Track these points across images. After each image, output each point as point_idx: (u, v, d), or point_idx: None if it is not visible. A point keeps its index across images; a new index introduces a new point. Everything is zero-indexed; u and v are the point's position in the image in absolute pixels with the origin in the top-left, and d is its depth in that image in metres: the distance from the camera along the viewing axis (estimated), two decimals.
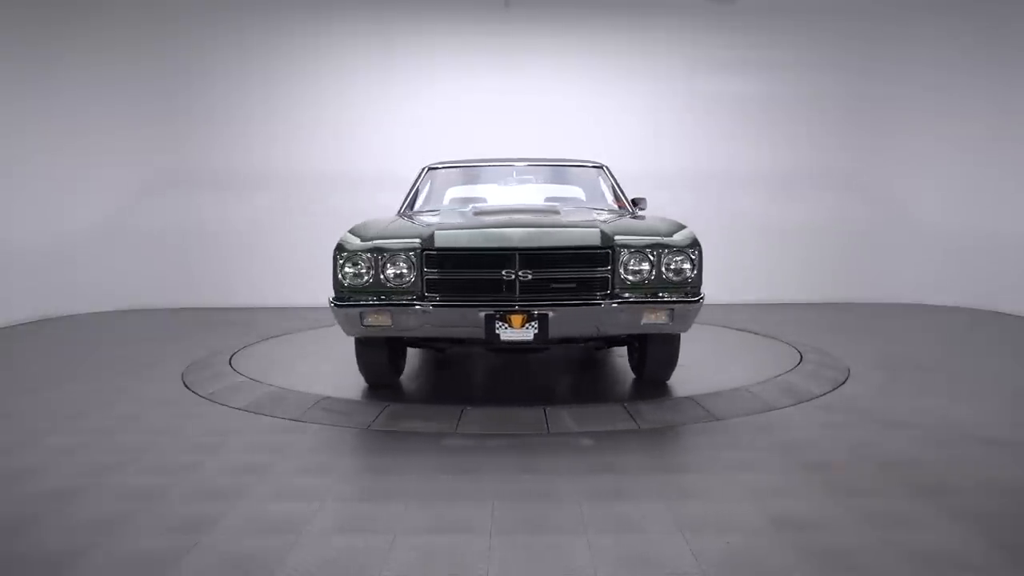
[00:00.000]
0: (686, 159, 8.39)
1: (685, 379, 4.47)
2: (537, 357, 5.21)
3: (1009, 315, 7.25)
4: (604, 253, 3.66)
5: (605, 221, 4.03)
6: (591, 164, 5.53)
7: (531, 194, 5.34)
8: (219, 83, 8.29)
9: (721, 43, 8.36)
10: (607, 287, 3.67)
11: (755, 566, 2.18)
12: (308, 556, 2.25)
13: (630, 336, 4.09)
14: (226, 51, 8.25)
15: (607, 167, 5.49)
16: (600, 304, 3.63)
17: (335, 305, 3.81)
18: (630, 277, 3.65)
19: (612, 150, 7.44)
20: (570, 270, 3.68)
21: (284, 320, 7.04)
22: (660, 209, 7.21)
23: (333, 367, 4.96)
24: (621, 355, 5.36)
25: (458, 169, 5.66)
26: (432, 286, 3.73)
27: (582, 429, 3.52)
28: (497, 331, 3.59)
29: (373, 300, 3.76)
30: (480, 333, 3.63)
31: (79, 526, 2.49)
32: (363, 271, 3.78)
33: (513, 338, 3.59)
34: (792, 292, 8.41)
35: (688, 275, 3.71)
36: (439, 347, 4.43)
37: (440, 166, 5.59)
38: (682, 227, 3.94)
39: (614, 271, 3.66)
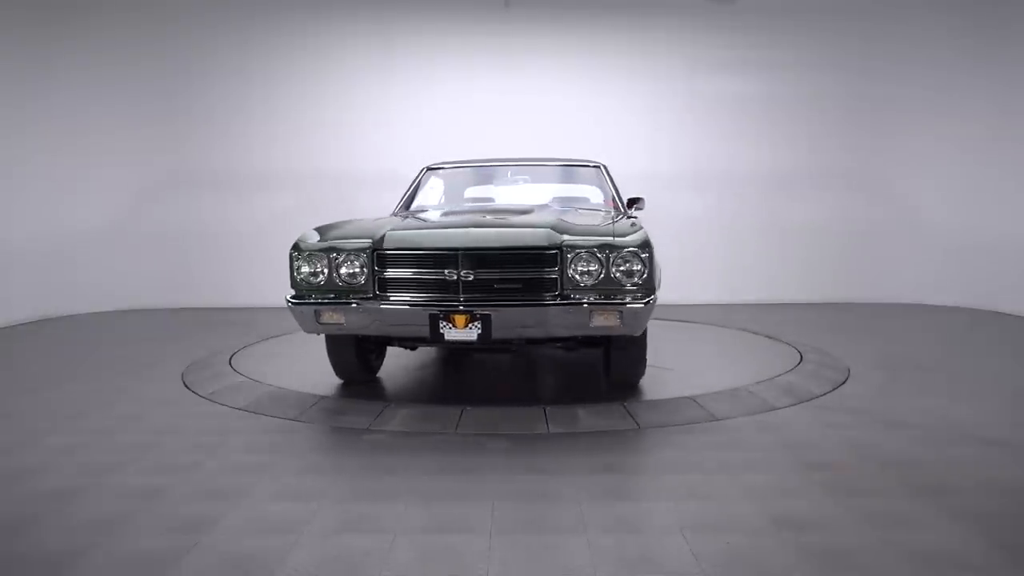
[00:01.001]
0: (686, 159, 8.39)
1: (685, 379, 4.47)
2: (538, 357, 5.21)
3: (1009, 315, 7.25)
4: (552, 254, 3.61)
5: (560, 221, 3.94)
6: (588, 164, 5.52)
7: (535, 194, 5.32)
8: (219, 83, 8.29)
9: (721, 43, 8.35)
10: (555, 288, 3.61)
11: (755, 566, 2.18)
12: (308, 556, 2.25)
13: (589, 337, 3.93)
14: (226, 51, 8.26)
15: (604, 166, 5.47)
16: (544, 305, 3.59)
17: (291, 303, 3.88)
18: (579, 278, 3.60)
19: (612, 150, 7.43)
20: (515, 271, 3.65)
21: (284, 320, 6.99)
22: (660, 209, 7.22)
23: (329, 368, 4.96)
24: None
25: (456, 169, 5.67)
26: (383, 286, 3.77)
27: (582, 429, 3.53)
28: (441, 331, 3.61)
29: (327, 299, 3.80)
30: (427, 332, 3.66)
31: (79, 526, 2.49)
32: (318, 270, 3.86)
33: (457, 338, 3.60)
34: (792, 292, 8.41)
35: (638, 277, 3.62)
36: (409, 345, 4.38)
37: (438, 166, 5.61)
38: (637, 228, 3.84)
39: (563, 272, 3.60)
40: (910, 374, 4.74)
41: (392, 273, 3.77)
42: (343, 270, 3.82)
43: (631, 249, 3.59)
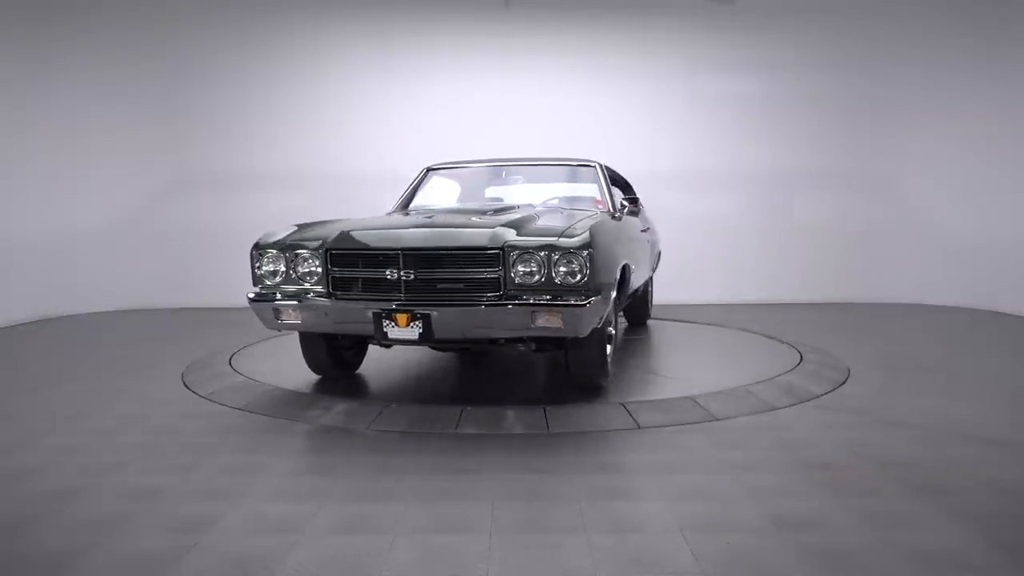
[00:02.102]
0: (686, 159, 8.40)
1: (685, 379, 4.47)
2: (536, 357, 5.21)
3: (1009, 315, 7.25)
4: (493, 254, 3.61)
5: (517, 221, 3.93)
6: (585, 163, 5.46)
7: (530, 194, 5.33)
8: (219, 84, 8.30)
9: (721, 43, 8.36)
10: (498, 288, 3.62)
11: (755, 566, 2.18)
12: (308, 556, 2.25)
13: (546, 337, 3.86)
14: (226, 52, 8.26)
15: (600, 165, 5.41)
16: (485, 305, 3.60)
17: (251, 300, 4.00)
18: (521, 279, 3.59)
19: (612, 150, 7.44)
20: (457, 271, 3.68)
21: None
22: (660, 209, 7.23)
23: None
24: (621, 355, 5.36)
25: (456, 170, 5.69)
26: (336, 284, 3.86)
27: (582, 429, 3.53)
28: (385, 329, 3.69)
29: (285, 296, 3.91)
30: (372, 330, 3.74)
31: (79, 526, 2.49)
32: (276, 268, 3.97)
33: (399, 336, 3.69)
34: (792, 292, 8.41)
35: (579, 278, 3.58)
36: (384, 343, 4.39)
37: (439, 167, 5.63)
38: (584, 229, 3.72)
39: (505, 273, 3.60)
40: (910, 374, 4.74)
41: (342, 272, 3.85)
42: (300, 269, 3.92)
43: (572, 250, 3.56)
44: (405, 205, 5.35)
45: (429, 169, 5.63)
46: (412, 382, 4.61)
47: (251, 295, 4.02)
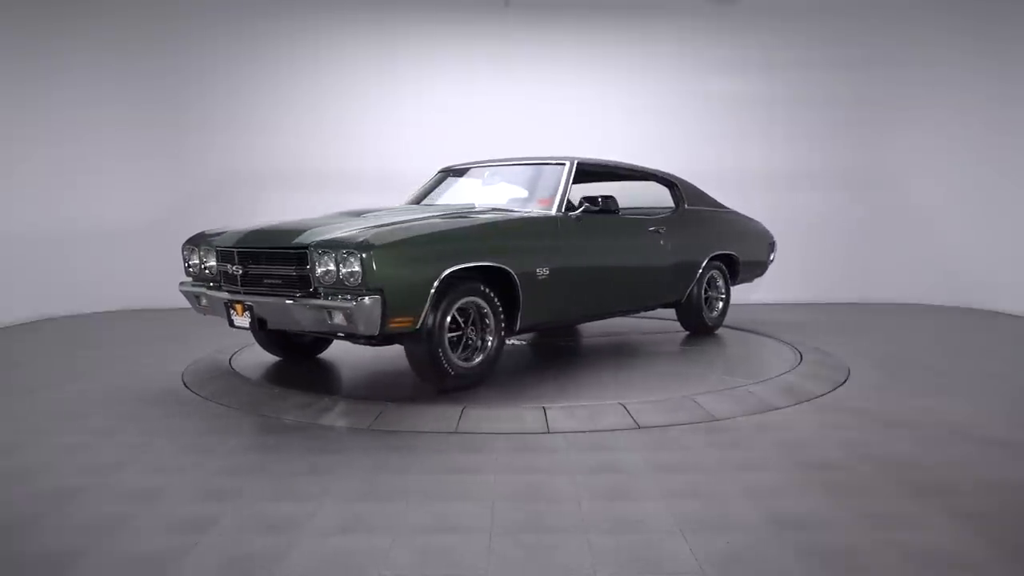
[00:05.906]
0: (686, 159, 8.37)
1: (685, 379, 4.47)
2: (536, 357, 5.21)
3: (1009, 315, 7.25)
4: (300, 254, 3.83)
5: (344, 223, 4.11)
6: (557, 161, 5.30)
7: (513, 193, 5.36)
8: (221, 85, 8.31)
9: (721, 43, 8.36)
10: (308, 286, 3.83)
11: (755, 566, 2.18)
12: (308, 556, 2.25)
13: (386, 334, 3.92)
14: (227, 54, 8.27)
15: (571, 162, 5.13)
16: (287, 301, 3.83)
17: (180, 287, 4.61)
18: (322, 278, 3.74)
19: (612, 150, 7.43)
20: (273, 268, 4.00)
21: None
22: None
23: (332, 368, 4.97)
24: (617, 354, 5.36)
25: (461, 170, 5.73)
26: (223, 278, 4.33)
27: (581, 429, 3.53)
28: (232, 317, 4.14)
29: (202, 286, 4.46)
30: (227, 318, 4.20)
31: (79, 526, 2.48)
32: (194, 262, 4.54)
33: (241, 324, 4.12)
34: (792, 292, 8.41)
35: (356, 278, 3.63)
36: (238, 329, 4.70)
37: (450, 168, 5.74)
38: (376, 231, 3.77)
39: (312, 271, 3.77)
40: (910, 374, 4.75)
41: (220, 266, 4.32)
42: (207, 263, 4.42)
43: (349, 250, 3.65)
44: (415, 203, 5.52)
45: (443, 170, 5.77)
46: (411, 381, 4.60)
47: (181, 283, 4.62)
